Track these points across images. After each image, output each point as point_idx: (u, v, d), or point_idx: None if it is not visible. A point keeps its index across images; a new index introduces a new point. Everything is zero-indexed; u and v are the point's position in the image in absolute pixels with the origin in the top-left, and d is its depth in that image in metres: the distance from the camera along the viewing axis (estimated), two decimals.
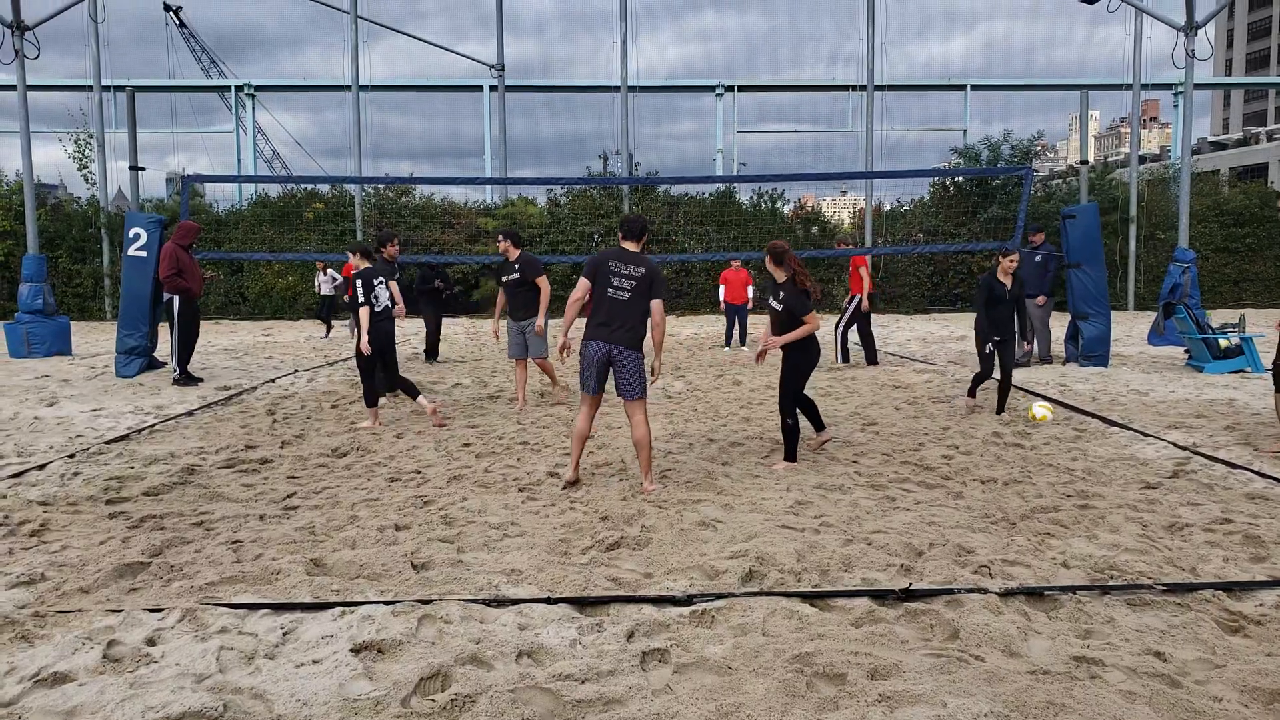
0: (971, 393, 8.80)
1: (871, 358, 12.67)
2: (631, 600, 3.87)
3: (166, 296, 11.12)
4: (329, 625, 3.61)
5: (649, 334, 5.85)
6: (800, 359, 6.56)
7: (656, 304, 5.80)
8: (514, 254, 9.25)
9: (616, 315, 5.78)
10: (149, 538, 4.80)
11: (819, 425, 6.94)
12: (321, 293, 18.94)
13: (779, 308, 6.45)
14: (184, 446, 7.34)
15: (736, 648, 3.41)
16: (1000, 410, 8.54)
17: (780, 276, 6.49)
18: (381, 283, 8.19)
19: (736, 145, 34.17)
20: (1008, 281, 8.43)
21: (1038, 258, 12.24)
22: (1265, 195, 27.21)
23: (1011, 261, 8.47)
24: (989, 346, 8.42)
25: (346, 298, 19.82)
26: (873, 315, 13.15)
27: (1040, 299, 12.22)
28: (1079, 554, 4.44)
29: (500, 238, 9.40)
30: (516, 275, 9.19)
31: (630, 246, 5.94)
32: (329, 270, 18.25)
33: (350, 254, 8.95)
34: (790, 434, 6.61)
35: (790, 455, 6.61)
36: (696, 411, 8.96)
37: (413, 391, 8.45)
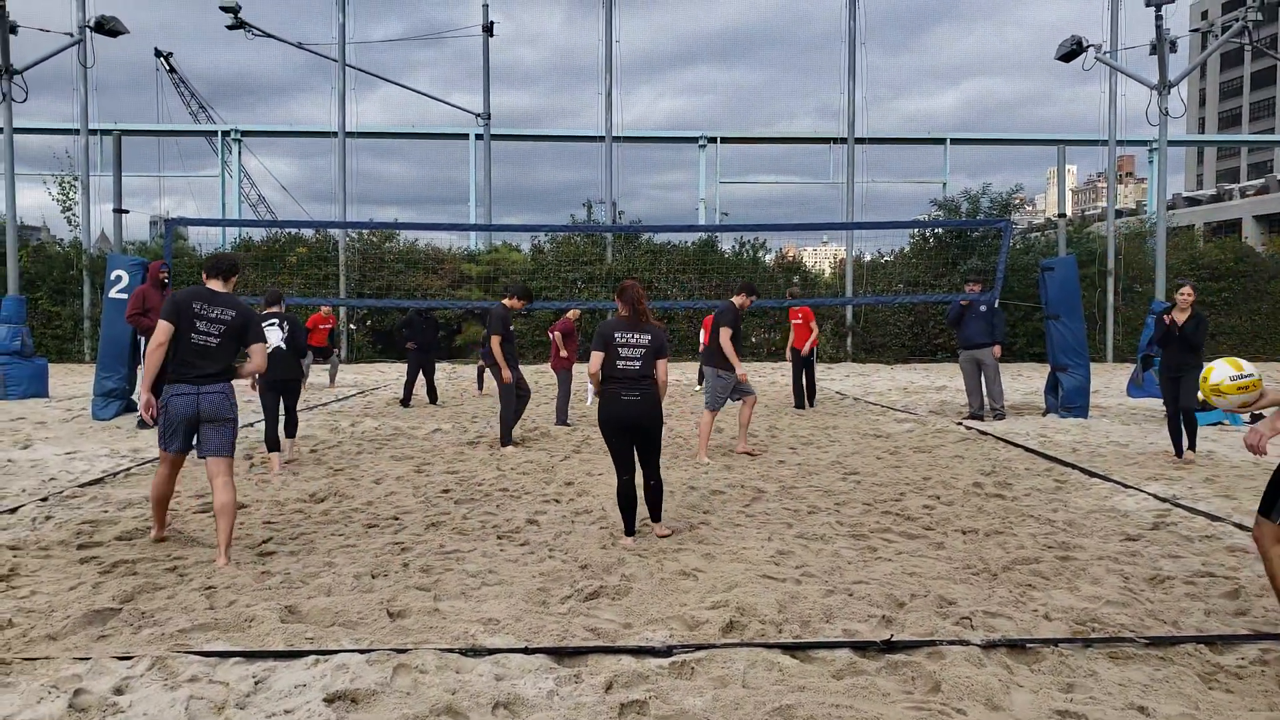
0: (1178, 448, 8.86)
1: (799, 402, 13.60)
2: (610, 651, 3.82)
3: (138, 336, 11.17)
4: (302, 674, 3.54)
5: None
6: None
7: (256, 349, 5.37)
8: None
9: (205, 362, 5.24)
10: (120, 583, 4.71)
11: (653, 515, 6.01)
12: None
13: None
14: None
15: (716, 700, 3.36)
16: (1191, 447, 8.71)
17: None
18: (273, 324, 8.48)
19: (719, 195, 34.60)
20: (1180, 319, 8.67)
21: (982, 307, 12.00)
22: (1239, 250, 27.68)
23: (1184, 296, 8.76)
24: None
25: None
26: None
27: (996, 349, 11.99)
28: (1060, 606, 4.43)
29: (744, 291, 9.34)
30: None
31: (216, 286, 5.42)
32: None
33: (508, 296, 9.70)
34: (620, 504, 5.82)
35: (626, 529, 5.79)
36: (677, 459, 8.94)
37: (290, 434, 8.74)
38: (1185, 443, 8.74)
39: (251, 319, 5.41)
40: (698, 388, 16.17)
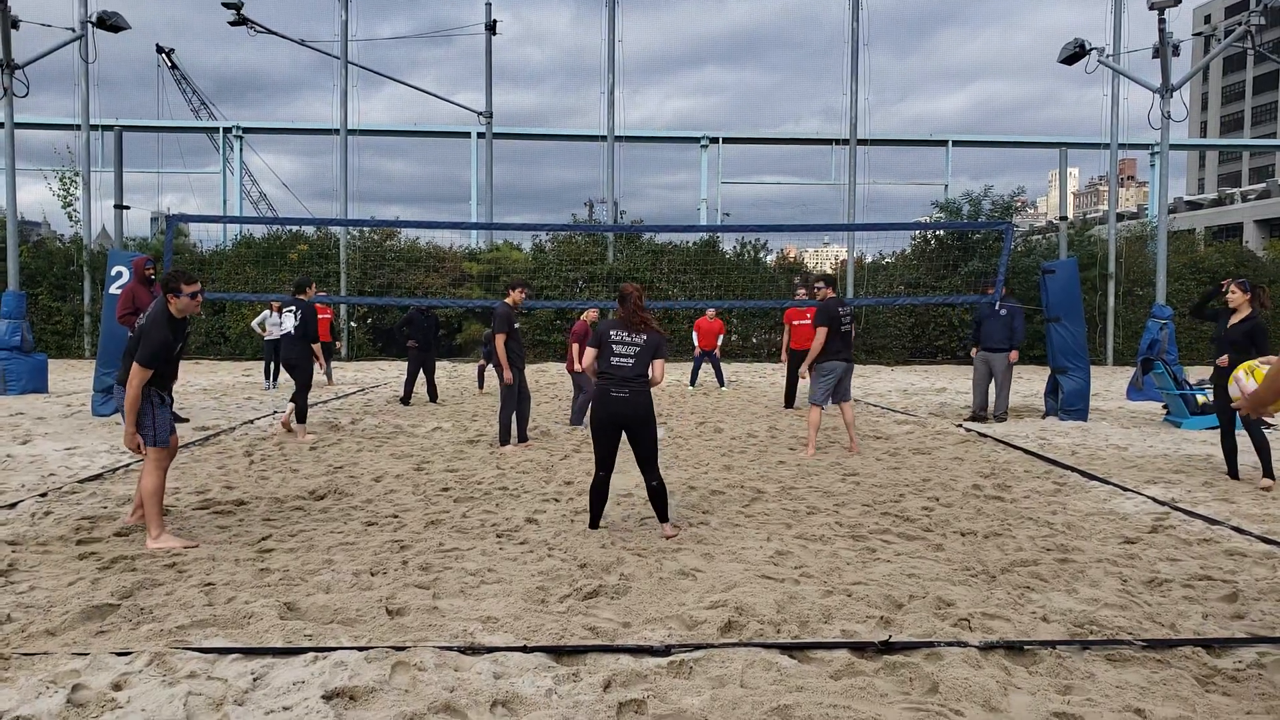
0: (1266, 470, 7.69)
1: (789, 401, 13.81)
2: (609, 650, 3.83)
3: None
4: (300, 671, 3.54)
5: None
6: None
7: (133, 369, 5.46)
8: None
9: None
10: (119, 579, 4.71)
11: (660, 515, 5.99)
12: (268, 337, 16.05)
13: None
14: None
15: (714, 699, 3.36)
16: (1268, 473, 7.66)
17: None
18: (291, 310, 10.14)
19: (722, 196, 34.56)
20: (1231, 318, 7.94)
21: (1003, 311, 11.99)
22: (1240, 254, 27.67)
23: (1233, 292, 7.99)
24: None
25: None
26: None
27: (1013, 354, 12.06)
28: (1059, 608, 4.43)
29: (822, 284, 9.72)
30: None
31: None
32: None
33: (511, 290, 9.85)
34: (590, 497, 6.04)
35: (591, 522, 6.02)
36: (677, 459, 8.94)
37: (299, 419, 10.06)
38: (1262, 466, 7.71)
39: (139, 330, 5.60)
40: (690, 388, 16.37)
